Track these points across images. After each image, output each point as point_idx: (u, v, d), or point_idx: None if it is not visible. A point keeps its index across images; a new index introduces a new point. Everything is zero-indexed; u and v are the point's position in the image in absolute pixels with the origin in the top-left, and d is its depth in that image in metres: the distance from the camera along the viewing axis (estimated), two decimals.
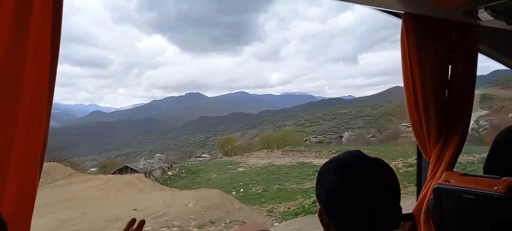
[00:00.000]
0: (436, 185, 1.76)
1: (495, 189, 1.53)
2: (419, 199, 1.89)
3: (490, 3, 1.55)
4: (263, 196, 18.62)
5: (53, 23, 0.93)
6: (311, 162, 26.86)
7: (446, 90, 1.91)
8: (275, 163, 28.15)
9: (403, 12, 1.81)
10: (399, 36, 1.85)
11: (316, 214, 1.06)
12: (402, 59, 1.86)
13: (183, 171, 28.17)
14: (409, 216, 1.76)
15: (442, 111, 1.88)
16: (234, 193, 19.71)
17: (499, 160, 1.61)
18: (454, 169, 1.86)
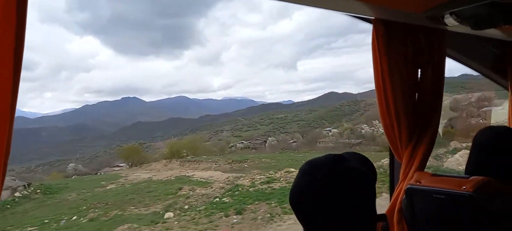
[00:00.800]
0: (408, 186, 1.80)
1: (464, 188, 1.59)
2: (392, 199, 1.93)
3: (454, 9, 1.61)
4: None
5: (17, 26, 0.87)
6: (192, 175, 23.28)
7: (416, 93, 1.97)
8: (154, 177, 24.16)
9: (373, 18, 1.83)
10: (334, 44, 1.90)
11: None
12: (373, 63, 1.90)
13: (39, 190, 22.41)
14: (382, 217, 1.78)
15: (413, 114, 1.93)
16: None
17: (478, 160, 1.68)
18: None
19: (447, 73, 1.96)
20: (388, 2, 1.59)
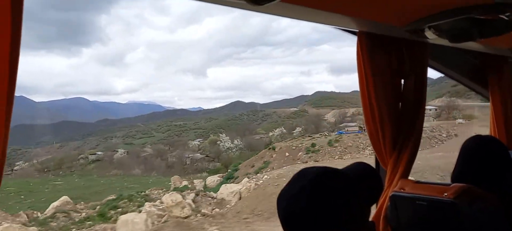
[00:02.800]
0: (392, 193, 1.85)
1: (445, 195, 1.65)
2: (377, 206, 1.97)
3: (433, 23, 1.68)
4: None
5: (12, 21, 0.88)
6: None
7: (400, 103, 2.04)
8: None
9: (357, 30, 1.90)
10: (243, 55, 1.96)
11: None
12: (358, 74, 1.96)
13: None
14: (370, 224, 1.82)
15: (396, 123, 1.99)
16: None
17: (464, 168, 1.74)
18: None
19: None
20: (371, 16, 1.66)
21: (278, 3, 1.12)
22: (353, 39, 1.94)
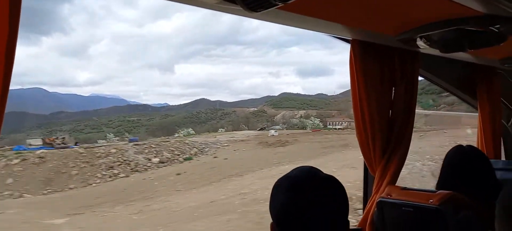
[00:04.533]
0: (379, 199, 1.89)
1: (430, 201, 1.69)
2: (364, 212, 2.01)
3: (424, 33, 1.72)
4: None
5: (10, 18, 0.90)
6: None
7: (390, 111, 2.07)
8: None
9: (351, 38, 1.93)
10: (213, 52, 1.98)
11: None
12: (350, 81, 1.99)
13: None
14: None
15: (386, 130, 2.03)
16: None
17: (447, 176, 1.80)
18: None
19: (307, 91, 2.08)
20: (364, 25, 1.69)
21: (274, 10, 1.14)
22: (321, 43, 1.98)
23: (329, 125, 47.75)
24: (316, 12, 1.43)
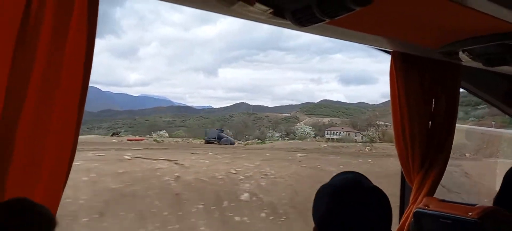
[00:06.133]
0: (416, 209, 1.89)
1: (470, 215, 1.68)
2: (400, 222, 2.02)
3: (467, 47, 1.72)
4: None
5: (88, 24, 1.02)
6: None
7: (430, 122, 2.08)
8: None
9: (391, 50, 1.96)
10: (255, 57, 2.00)
11: None
12: (390, 92, 2.02)
13: None
14: None
15: (426, 141, 2.04)
16: None
17: (506, 191, 1.74)
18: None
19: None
20: (406, 37, 1.72)
21: (321, 25, 1.22)
22: (364, 51, 2.01)
23: (327, 134, 45.34)
24: (359, 26, 1.49)
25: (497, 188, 1.81)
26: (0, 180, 0.94)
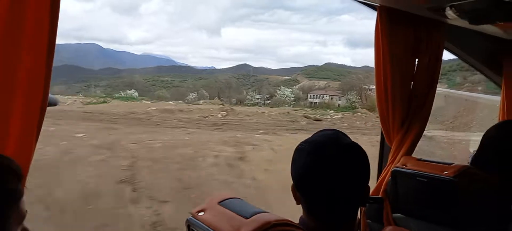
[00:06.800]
0: (394, 168, 1.91)
1: (445, 173, 1.70)
2: (378, 180, 2.04)
3: (454, 2, 1.67)
4: None
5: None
6: None
7: (412, 82, 2.05)
8: None
9: (378, 4, 1.89)
10: (260, 17, 1.94)
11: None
12: (375, 50, 1.97)
13: None
14: (378, 200, 1.88)
15: (407, 101, 2.02)
16: None
17: (484, 155, 1.72)
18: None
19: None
20: None
21: None
22: (374, 12, 1.93)
23: (310, 97, 44.13)
24: None
25: None
26: None
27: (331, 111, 22.13)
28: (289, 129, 13.55)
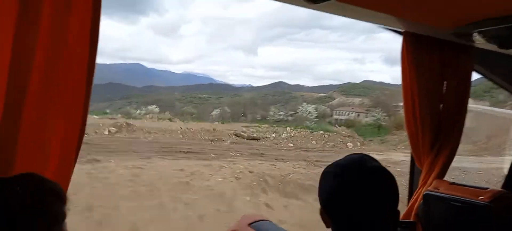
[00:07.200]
0: (426, 192, 1.89)
1: (480, 198, 1.67)
2: (409, 204, 2.02)
3: (480, 29, 1.68)
4: None
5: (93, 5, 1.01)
6: None
7: (441, 105, 2.05)
8: None
9: (403, 30, 1.93)
10: (296, 36, 1.97)
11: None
12: (402, 74, 1.99)
13: None
14: (410, 224, 1.87)
15: (437, 124, 2.02)
16: None
17: None
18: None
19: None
20: (418, 17, 1.69)
21: (332, 2, 1.20)
22: None
23: (335, 114, 42.83)
24: (370, 4, 1.46)
25: None
26: (9, 155, 0.93)
27: (289, 128, 19.14)
28: (176, 151, 11.50)
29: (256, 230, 1.06)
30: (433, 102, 2.01)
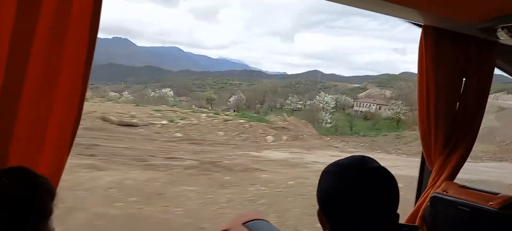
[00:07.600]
0: (433, 194, 1.82)
1: (490, 204, 1.60)
2: (416, 205, 1.95)
3: (507, 24, 1.58)
4: None
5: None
6: None
7: (458, 103, 1.95)
8: None
9: (423, 24, 1.82)
10: (335, 23, 1.89)
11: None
12: (418, 68, 1.90)
13: None
14: (413, 228, 1.81)
15: (451, 123, 1.92)
16: None
17: None
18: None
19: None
20: (441, 11, 1.59)
21: None
22: None
23: (356, 106, 40.94)
24: None
25: None
26: (3, 149, 0.94)
27: (205, 115, 16.18)
28: None
29: (250, 230, 1.02)
30: (450, 100, 1.91)
